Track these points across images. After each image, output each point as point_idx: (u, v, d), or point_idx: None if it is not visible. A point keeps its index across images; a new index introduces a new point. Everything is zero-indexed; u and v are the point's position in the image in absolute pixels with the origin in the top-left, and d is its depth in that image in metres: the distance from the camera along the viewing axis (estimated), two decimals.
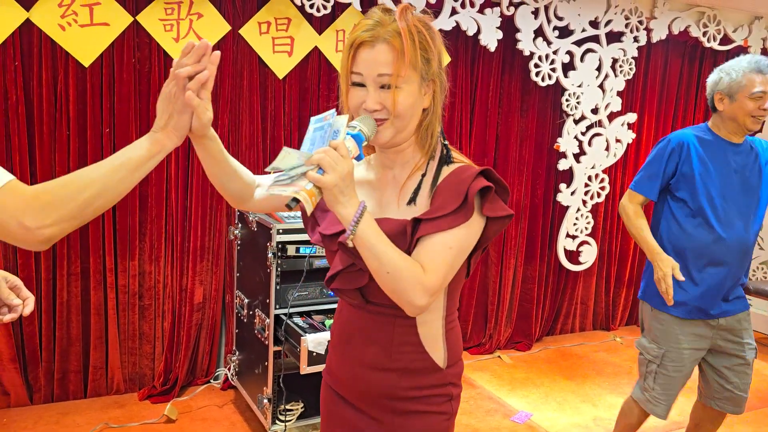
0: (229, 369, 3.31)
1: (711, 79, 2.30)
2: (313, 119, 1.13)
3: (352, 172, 1.08)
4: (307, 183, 1.04)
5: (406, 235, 1.16)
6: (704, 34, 4.23)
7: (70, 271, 3.02)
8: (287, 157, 1.08)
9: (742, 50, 4.47)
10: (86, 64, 2.88)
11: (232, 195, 1.30)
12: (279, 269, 2.69)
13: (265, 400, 2.76)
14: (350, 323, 1.30)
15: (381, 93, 1.15)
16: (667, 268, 2.20)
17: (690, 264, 2.28)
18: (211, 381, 3.41)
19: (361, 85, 1.16)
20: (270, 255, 2.65)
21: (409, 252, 1.16)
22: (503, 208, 1.19)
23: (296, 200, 1.04)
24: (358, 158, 1.16)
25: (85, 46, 2.86)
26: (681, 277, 2.20)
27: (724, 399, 2.40)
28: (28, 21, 2.75)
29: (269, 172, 1.14)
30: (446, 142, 1.28)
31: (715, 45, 4.29)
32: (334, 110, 1.11)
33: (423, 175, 1.22)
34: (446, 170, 1.22)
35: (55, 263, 2.99)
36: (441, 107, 1.25)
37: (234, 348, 3.28)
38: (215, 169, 1.24)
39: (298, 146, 1.18)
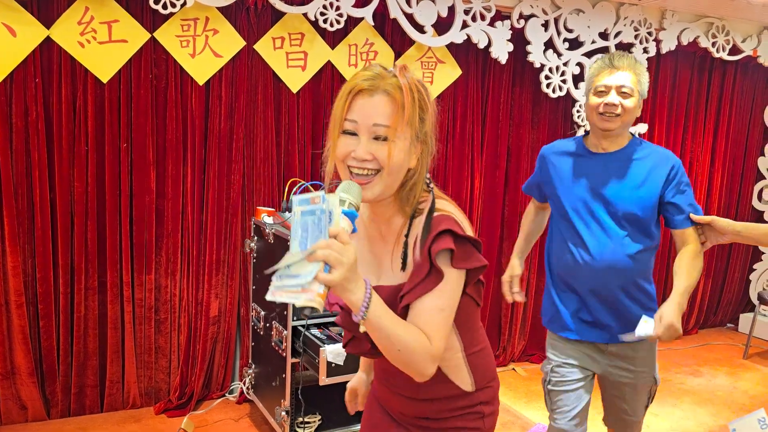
0: (244, 382, 3.31)
1: None
2: (297, 200, 1.03)
3: (356, 256, 1.02)
4: (319, 286, 0.98)
5: (397, 303, 1.17)
6: (713, 44, 4.25)
7: (87, 285, 3.03)
8: (287, 257, 1.01)
9: (752, 60, 4.49)
10: (104, 80, 2.92)
11: None
12: None
13: (283, 413, 2.75)
14: (381, 360, 1.30)
15: (373, 144, 1.13)
16: (506, 274, 2.24)
17: (554, 283, 2.14)
18: (227, 395, 3.41)
19: (353, 134, 1.14)
20: None
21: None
22: (478, 258, 1.18)
23: (312, 308, 0.98)
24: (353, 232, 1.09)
25: (104, 62, 2.90)
26: (515, 289, 2.23)
27: (614, 419, 2.20)
28: (48, 38, 2.80)
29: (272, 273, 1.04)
30: (432, 189, 1.24)
31: (724, 55, 4.31)
32: (322, 192, 1.03)
33: (406, 236, 1.20)
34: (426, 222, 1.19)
35: (73, 277, 3.01)
36: (426, 169, 1.22)
37: (250, 361, 3.28)
38: None
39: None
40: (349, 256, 1.00)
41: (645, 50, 4.05)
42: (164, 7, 2.86)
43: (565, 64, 3.84)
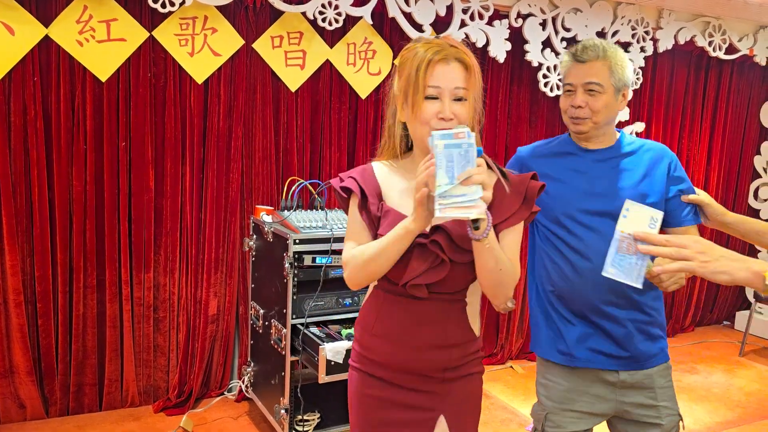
0: (243, 381, 3.31)
1: None
2: (439, 135, 1.21)
3: None
4: (483, 203, 1.18)
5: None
6: (710, 43, 4.27)
7: (86, 284, 3.03)
8: (444, 183, 1.20)
9: (748, 59, 4.51)
10: (103, 79, 2.92)
11: None
12: (296, 279, 2.70)
13: (282, 411, 2.76)
14: (403, 314, 1.41)
15: (454, 105, 1.30)
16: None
17: (545, 304, 1.84)
18: (225, 393, 3.41)
19: (434, 98, 1.30)
20: (287, 265, 2.67)
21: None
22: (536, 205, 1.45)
23: (476, 220, 1.20)
24: None
25: (102, 61, 2.90)
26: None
27: None
28: (46, 37, 2.80)
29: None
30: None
31: (720, 54, 4.33)
32: (466, 128, 1.20)
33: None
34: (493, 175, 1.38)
35: (72, 276, 3.01)
36: (479, 128, 1.41)
37: (249, 359, 3.29)
38: None
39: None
40: (492, 181, 1.29)
41: (642, 49, 4.06)
42: (163, 5, 2.86)
43: None
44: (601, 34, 3.91)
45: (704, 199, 1.77)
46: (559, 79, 3.86)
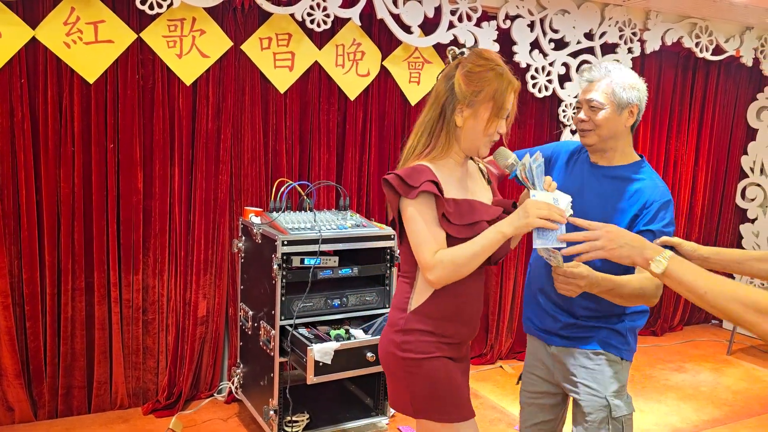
0: (232, 382, 3.31)
1: None
2: (536, 162, 1.56)
3: None
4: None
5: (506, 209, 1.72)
6: (697, 44, 4.30)
7: (74, 286, 3.03)
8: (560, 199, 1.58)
9: (734, 60, 4.56)
10: (91, 80, 2.92)
11: None
12: (284, 281, 2.71)
13: (272, 412, 2.76)
14: (469, 292, 1.67)
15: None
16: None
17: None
18: (215, 395, 3.41)
19: (501, 117, 1.61)
20: (275, 266, 2.67)
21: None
22: None
23: None
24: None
25: (90, 63, 2.90)
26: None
27: None
28: (33, 39, 2.79)
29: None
30: None
31: (707, 55, 4.37)
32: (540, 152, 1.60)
33: (480, 168, 1.80)
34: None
35: (60, 278, 3.00)
36: None
37: (238, 361, 3.29)
38: None
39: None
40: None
41: (629, 50, 4.09)
42: (151, 7, 2.86)
43: (550, 65, 3.87)
44: (588, 36, 3.94)
45: (673, 240, 1.75)
46: (547, 79, 3.90)
